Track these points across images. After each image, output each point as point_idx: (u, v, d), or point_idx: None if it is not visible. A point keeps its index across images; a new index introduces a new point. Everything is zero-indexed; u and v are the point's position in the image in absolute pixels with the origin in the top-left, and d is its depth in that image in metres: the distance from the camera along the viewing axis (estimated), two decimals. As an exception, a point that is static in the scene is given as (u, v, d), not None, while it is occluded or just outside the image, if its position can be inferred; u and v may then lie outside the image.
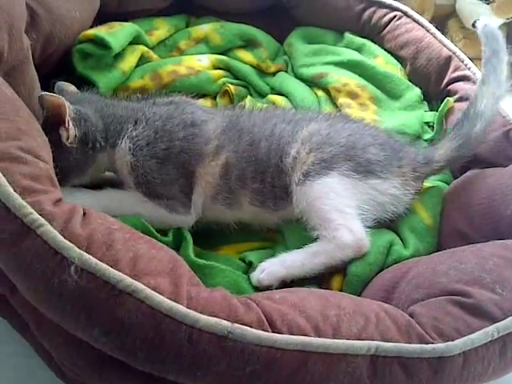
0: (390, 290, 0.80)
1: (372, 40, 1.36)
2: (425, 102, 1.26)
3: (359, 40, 1.35)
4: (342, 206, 0.88)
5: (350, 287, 0.85)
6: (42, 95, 0.85)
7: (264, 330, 0.59)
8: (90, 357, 0.63)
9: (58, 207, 0.64)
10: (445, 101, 1.18)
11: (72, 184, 0.89)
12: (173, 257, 0.67)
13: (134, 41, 1.21)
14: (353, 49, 1.34)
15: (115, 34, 1.14)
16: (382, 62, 1.30)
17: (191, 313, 0.58)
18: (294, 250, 0.89)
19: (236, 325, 0.59)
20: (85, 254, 0.59)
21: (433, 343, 0.63)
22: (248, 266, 0.90)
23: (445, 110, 1.17)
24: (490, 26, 0.99)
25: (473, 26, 1.74)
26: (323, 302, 0.67)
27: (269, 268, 0.86)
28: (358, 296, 0.82)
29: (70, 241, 0.59)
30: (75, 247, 0.59)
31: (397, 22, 1.33)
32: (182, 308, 0.58)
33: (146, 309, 0.57)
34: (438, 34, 1.29)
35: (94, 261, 0.59)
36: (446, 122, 1.17)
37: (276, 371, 0.58)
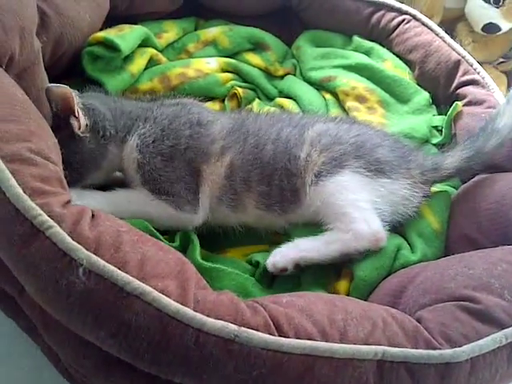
0: (397, 294, 0.79)
1: (380, 43, 1.35)
2: (433, 106, 1.25)
3: (368, 43, 1.35)
4: (357, 202, 0.88)
5: (356, 291, 0.85)
6: (48, 87, 0.85)
7: (270, 334, 0.59)
8: (97, 358, 0.63)
9: (67, 209, 0.64)
10: (453, 105, 1.17)
11: (87, 182, 0.90)
12: (180, 259, 0.67)
13: (143, 43, 1.22)
14: (361, 52, 1.34)
15: (125, 37, 1.14)
16: (390, 65, 1.29)
17: (198, 316, 0.58)
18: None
19: (243, 328, 0.59)
20: (93, 255, 0.59)
21: (440, 349, 0.63)
22: (255, 266, 0.90)
23: (453, 114, 1.17)
24: None
25: (482, 29, 1.74)
26: (330, 306, 0.66)
27: (283, 251, 0.87)
28: (365, 300, 0.81)
29: (78, 242, 0.60)
30: (83, 249, 0.59)
31: (406, 26, 1.33)
32: (188, 311, 0.58)
33: (153, 311, 0.57)
34: (447, 37, 1.29)
35: (102, 263, 0.59)
36: (454, 126, 1.17)
37: (282, 375, 0.58)
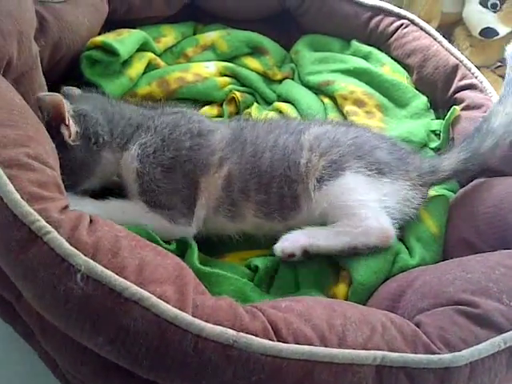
0: (395, 298, 0.79)
1: (379, 48, 1.36)
2: (431, 111, 1.26)
3: (366, 48, 1.35)
4: (364, 201, 0.88)
5: (355, 296, 0.84)
6: (38, 96, 0.85)
7: (269, 339, 0.59)
8: (95, 364, 0.63)
9: (65, 214, 0.64)
10: (451, 109, 1.17)
11: (83, 188, 0.90)
12: (178, 264, 0.67)
13: (142, 48, 1.22)
14: (359, 57, 1.34)
15: (123, 41, 1.14)
16: (388, 70, 1.30)
17: (196, 321, 0.58)
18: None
19: (241, 334, 0.58)
20: (91, 261, 0.59)
21: (439, 353, 0.62)
22: (254, 271, 0.90)
23: (451, 118, 1.17)
24: None
25: (480, 34, 1.75)
26: (329, 311, 0.66)
27: (293, 237, 0.88)
28: (364, 305, 0.81)
29: (76, 248, 0.59)
30: (81, 254, 0.59)
31: (404, 30, 1.33)
32: (187, 316, 0.58)
33: (151, 317, 0.57)
34: (445, 42, 1.29)
35: (100, 268, 0.58)
36: (452, 131, 1.17)
37: (281, 381, 0.58)
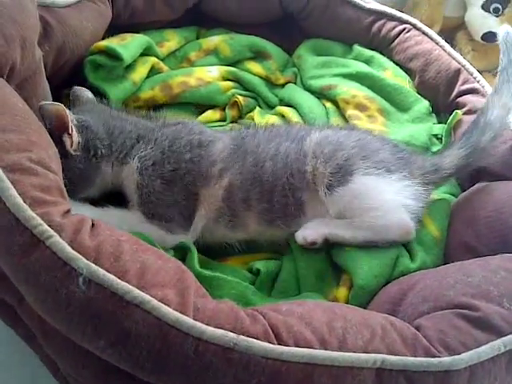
0: (396, 302, 0.79)
1: (381, 52, 1.36)
2: (433, 115, 1.26)
3: (368, 52, 1.35)
4: (379, 200, 0.89)
5: (356, 299, 0.85)
6: (41, 105, 0.84)
7: (270, 342, 0.59)
8: (96, 368, 0.64)
9: (67, 218, 0.64)
10: (453, 113, 1.18)
11: (82, 196, 0.90)
12: (179, 268, 0.67)
13: (145, 52, 1.22)
14: (362, 61, 1.34)
15: (127, 46, 1.15)
16: (390, 74, 1.30)
17: (197, 324, 0.58)
18: (303, 260, 0.90)
19: (242, 337, 0.59)
20: (93, 265, 0.59)
21: (439, 357, 0.63)
22: (255, 275, 0.90)
23: (453, 122, 1.17)
24: None
25: (482, 38, 1.75)
26: (329, 314, 0.66)
27: (314, 226, 0.89)
28: (365, 308, 0.81)
29: (78, 252, 0.60)
30: (83, 258, 0.59)
31: (406, 35, 1.33)
32: (188, 319, 0.58)
33: (152, 320, 0.57)
34: (447, 46, 1.30)
35: (101, 272, 0.59)
36: (454, 135, 1.17)
37: (282, 383, 0.58)
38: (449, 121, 1.18)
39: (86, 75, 1.12)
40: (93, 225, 0.66)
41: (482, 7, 1.72)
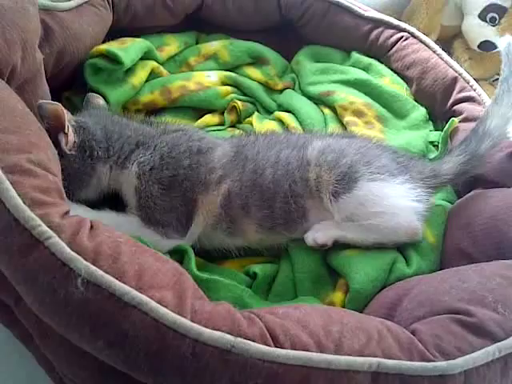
0: (392, 307, 0.80)
1: (379, 60, 1.37)
2: (430, 122, 1.27)
3: (366, 59, 1.36)
4: (386, 205, 0.89)
5: (352, 304, 0.85)
6: (40, 104, 0.85)
7: (267, 345, 0.60)
8: (93, 368, 0.64)
9: (66, 220, 0.64)
10: (450, 121, 1.18)
11: (79, 198, 0.90)
12: (177, 270, 0.68)
13: (145, 56, 1.23)
14: (360, 68, 1.35)
15: (127, 50, 1.16)
16: (388, 81, 1.31)
17: (195, 326, 0.58)
18: (300, 264, 0.91)
19: (239, 339, 0.59)
20: (91, 266, 0.59)
21: (434, 361, 0.63)
22: (252, 278, 0.91)
23: (450, 130, 1.18)
24: None
25: (478, 47, 1.76)
26: (326, 317, 0.67)
27: (324, 229, 0.90)
28: (361, 312, 0.81)
29: (77, 253, 0.60)
30: (82, 259, 0.60)
31: (404, 43, 1.34)
32: (186, 321, 0.58)
33: (150, 321, 0.58)
34: (444, 54, 1.31)
35: (100, 273, 0.59)
36: (450, 142, 1.18)
37: (278, 386, 0.58)
38: (445, 128, 1.19)
39: (86, 78, 1.13)
40: (91, 226, 0.67)
41: (479, 16, 1.73)
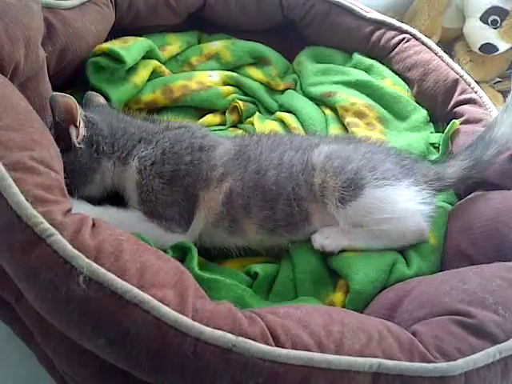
0: (392, 308, 0.80)
1: (380, 61, 1.37)
2: (431, 124, 1.27)
3: (368, 61, 1.36)
4: (393, 210, 0.89)
5: (352, 304, 0.85)
6: (53, 95, 0.86)
7: (268, 344, 0.60)
8: (93, 366, 0.64)
9: (69, 217, 0.64)
10: (451, 123, 1.19)
11: (82, 195, 0.90)
12: (179, 269, 0.68)
13: (147, 55, 1.24)
14: (361, 69, 1.35)
15: (129, 49, 1.16)
16: (389, 83, 1.31)
17: (196, 325, 0.58)
18: (300, 265, 0.91)
19: (240, 338, 0.59)
20: (93, 263, 0.59)
21: (435, 362, 0.63)
22: (253, 278, 0.91)
23: (450, 131, 1.18)
24: None
25: (480, 49, 1.76)
26: (327, 318, 0.67)
27: (333, 236, 0.90)
28: (361, 313, 0.81)
29: (79, 251, 0.60)
30: (84, 257, 0.60)
31: (405, 45, 1.34)
32: (187, 320, 0.58)
33: (151, 320, 0.58)
34: (446, 57, 1.31)
35: (102, 271, 0.59)
36: (451, 144, 1.18)
37: (279, 385, 0.58)
38: (446, 130, 1.19)
39: (88, 77, 1.13)
40: (93, 224, 0.67)
41: (481, 19, 1.73)
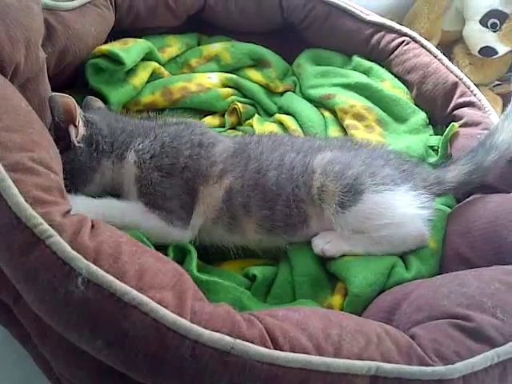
0: (391, 311, 0.80)
1: (380, 64, 1.37)
2: (430, 126, 1.27)
3: (367, 63, 1.36)
4: (392, 215, 0.89)
5: (350, 307, 0.85)
6: (51, 96, 0.86)
7: (266, 347, 0.60)
8: (91, 369, 0.63)
9: (68, 219, 0.64)
10: (450, 126, 1.19)
11: (81, 193, 0.89)
12: (178, 271, 0.68)
13: (147, 57, 1.24)
14: (360, 72, 1.35)
15: (128, 50, 1.16)
16: (388, 85, 1.31)
17: (195, 327, 0.58)
18: (299, 268, 0.91)
19: (238, 340, 0.59)
20: (92, 265, 0.59)
21: (433, 366, 0.63)
22: (251, 280, 0.91)
23: (450, 134, 1.18)
24: None
25: (479, 52, 1.77)
26: (325, 320, 0.67)
27: (334, 241, 0.90)
28: (359, 316, 0.81)
29: (78, 252, 0.60)
30: (83, 258, 0.60)
31: (405, 47, 1.34)
32: (185, 322, 0.58)
33: (150, 322, 0.58)
34: (445, 59, 1.31)
35: (101, 272, 0.59)
36: (450, 147, 1.18)
37: (277, 388, 0.58)
38: (445, 133, 1.19)
39: (88, 78, 1.13)
40: (93, 226, 0.67)
41: (480, 22, 1.73)
